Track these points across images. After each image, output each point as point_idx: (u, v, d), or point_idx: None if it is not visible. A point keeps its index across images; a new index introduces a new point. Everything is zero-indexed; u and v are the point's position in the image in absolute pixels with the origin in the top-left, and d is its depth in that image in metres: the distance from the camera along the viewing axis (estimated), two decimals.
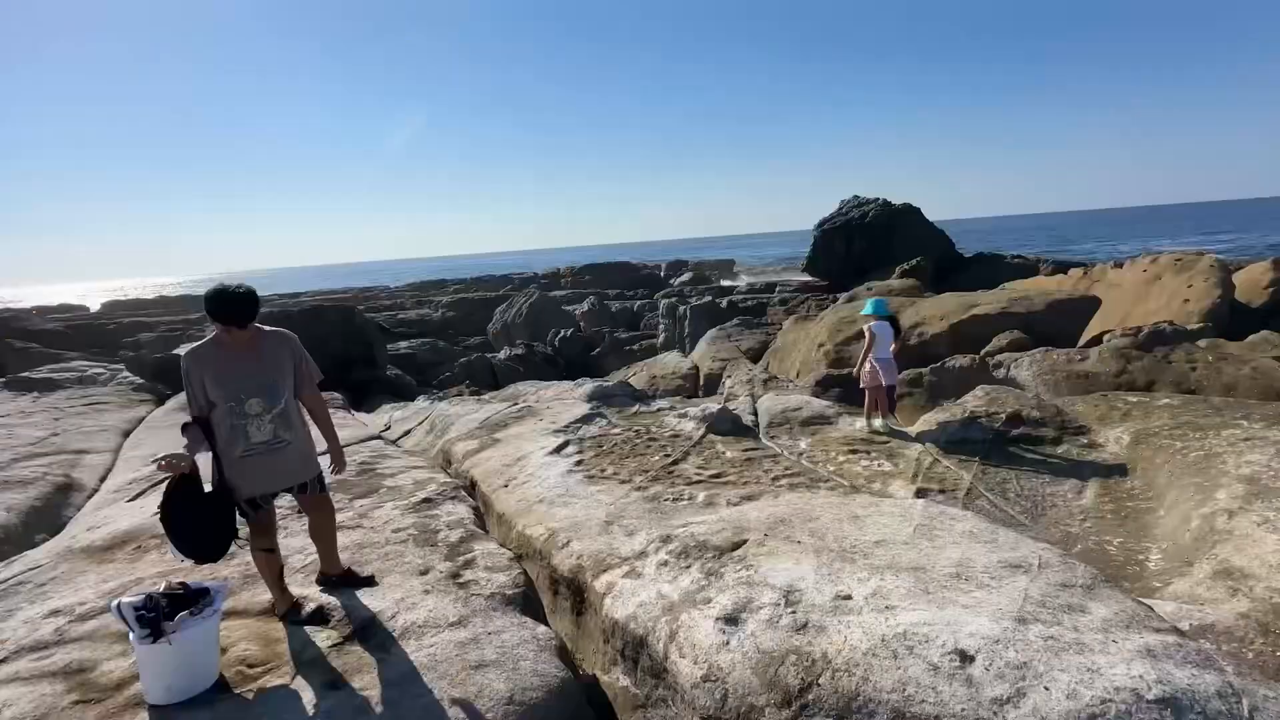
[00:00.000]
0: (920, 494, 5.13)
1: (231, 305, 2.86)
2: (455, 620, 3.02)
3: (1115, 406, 6.32)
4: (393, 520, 4.32)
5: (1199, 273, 12.88)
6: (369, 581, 3.43)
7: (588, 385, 9.63)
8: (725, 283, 48.73)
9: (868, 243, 34.91)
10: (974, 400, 6.72)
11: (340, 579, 3.41)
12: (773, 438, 6.83)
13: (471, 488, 5.88)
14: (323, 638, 2.99)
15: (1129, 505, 4.72)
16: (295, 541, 4.06)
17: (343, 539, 4.03)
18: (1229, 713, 2.00)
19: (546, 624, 3.34)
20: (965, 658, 2.27)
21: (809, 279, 38.36)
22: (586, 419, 7.54)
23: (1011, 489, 5.16)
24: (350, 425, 8.44)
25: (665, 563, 3.38)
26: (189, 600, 2.67)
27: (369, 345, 16.01)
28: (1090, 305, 11.59)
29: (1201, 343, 7.90)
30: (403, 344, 22.99)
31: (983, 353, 9.53)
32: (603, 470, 5.69)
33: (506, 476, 5.78)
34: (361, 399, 14.33)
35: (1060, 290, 13.94)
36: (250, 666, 2.85)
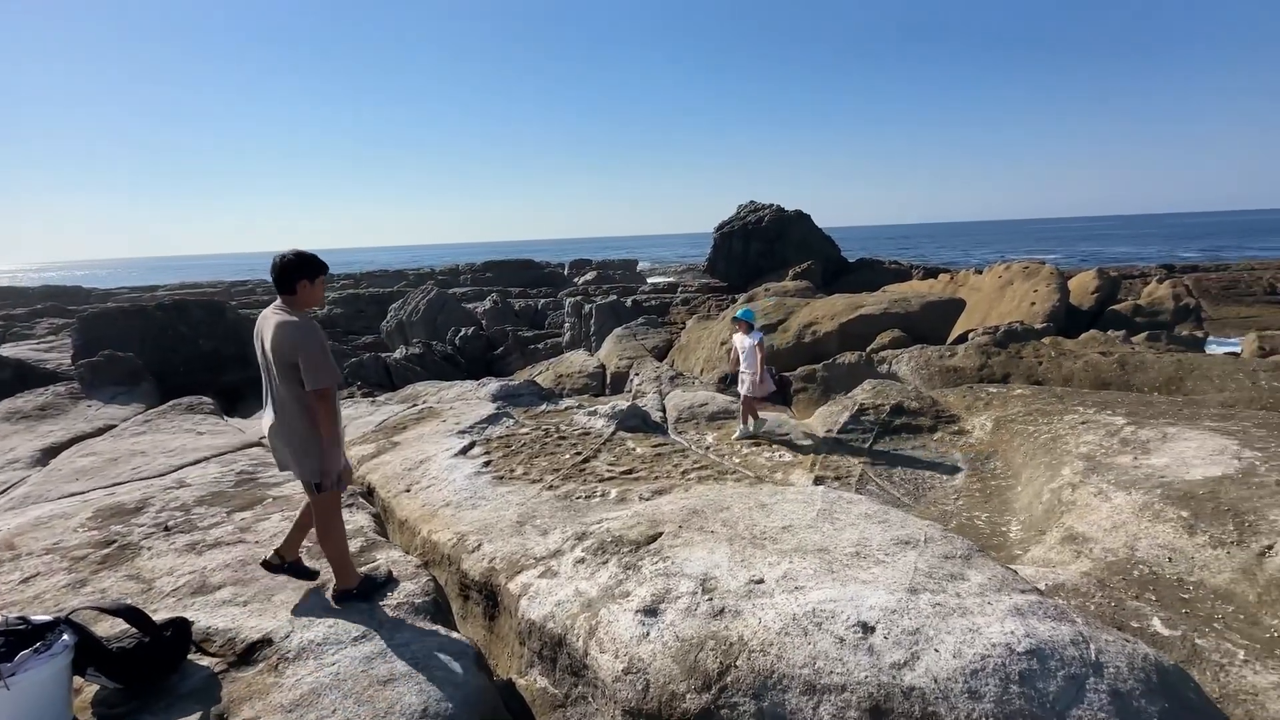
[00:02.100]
0: (819, 481, 5.47)
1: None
2: (359, 634, 2.83)
3: (979, 397, 7.07)
4: (281, 532, 3.95)
5: (1042, 279, 14.70)
6: (308, 574, 3.30)
7: (492, 384, 9.36)
8: (650, 280, 49.23)
9: (763, 246, 36.64)
10: (862, 393, 7.24)
11: (291, 566, 3.30)
12: (681, 433, 6.99)
13: (369, 494, 5.53)
14: (205, 664, 2.69)
15: (993, 484, 5.30)
16: (162, 562, 3.63)
17: (221, 556, 3.65)
18: (1080, 657, 2.30)
19: (458, 631, 3.21)
20: (867, 629, 2.44)
21: (710, 280, 39.63)
22: (492, 419, 7.33)
23: (897, 473, 5.62)
24: (224, 432, 7.66)
25: (582, 560, 3.36)
26: (31, 637, 2.30)
27: (244, 344, 14.61)
28: (957, 307, 12.88)
29: (1045, 340, 9.02)
30: None
31: (868, 350, 10.30)
32: (512, 470, 5.56)
33: (408, 481, 5.49)
34: (236, 402, 13.05)
35: (932, 293, 15.38)
36: (112, 707, 2.51)
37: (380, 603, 3.08)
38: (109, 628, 2.82)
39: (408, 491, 5.29)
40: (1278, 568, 3.07)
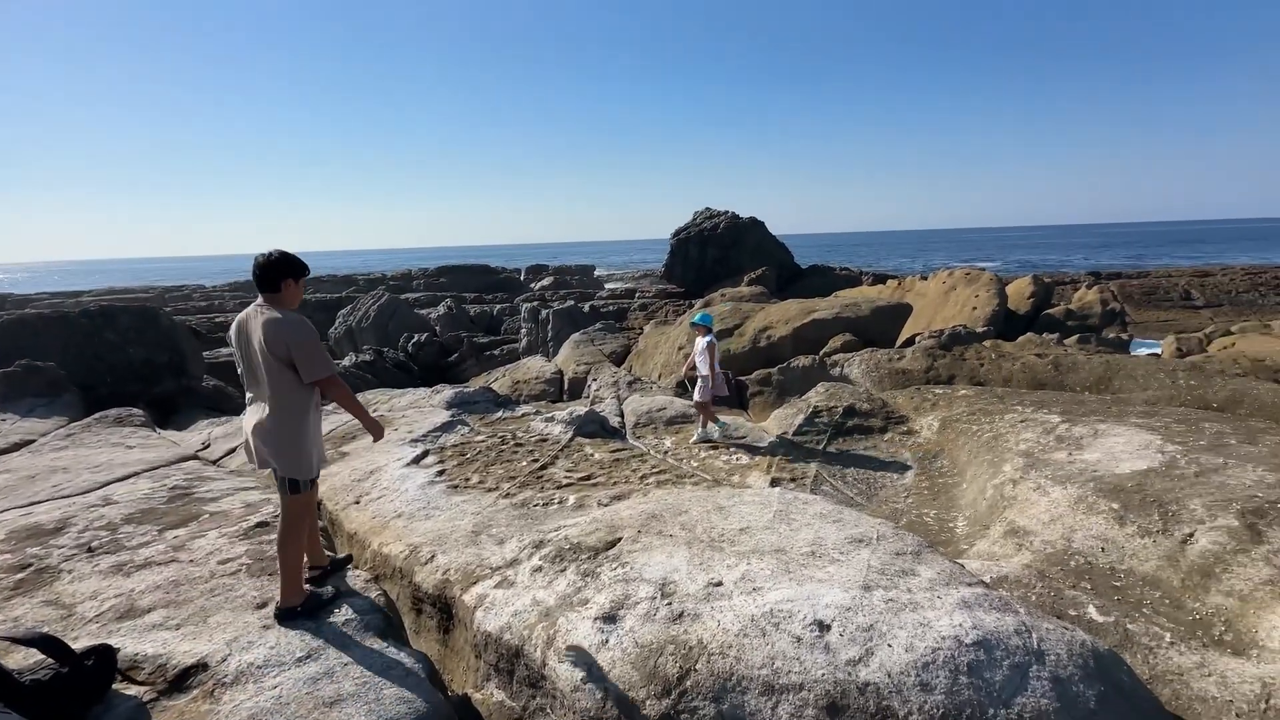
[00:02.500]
0: (775, 483, 5.54)
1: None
2: (304, 654, 2.70)
3: (926, 398, 7.32)
4: (219, 550, 3.76)
5: (983, 285, 15.37)
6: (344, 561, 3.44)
7: (447, 392, 9.15)
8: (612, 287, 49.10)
9: (719, 252, 37.15)
10: (816, 396, 7.40)
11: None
12: (639, 438, 6.99)
13: (316, 506, 5.31)
14: (133, 693, 2.51)
15: (940, 481, 5.48)
16: (84, 586, 3.39)
17: (151, 577, 3.43)
18: (1024, 646, 2.39)
19: (410, 647, 3.10)
20: (823, 627, 2.48)
21: (667, 286, 39.89)
22: (447, 427, 7.16)
23: (850, 474, 5.75)
24: (156, 445, 7.23)
25: (539, 568, 3.30)
26: None
27: (179, 352, 13.84)
28: (905, 311, 13.33)
29: (987, 343, 9.43)
30: (224, 350, 20.21)
31: (821, 353, 10.54)
32: (467, 479, 5.44)
33: (358, 492, 5.30)
34: (170, 414, 12.36)
35: (881, 298, 15.88)
36: None
37: (327, 620, 2.95)
38: (22, 659, 2.60)
39: (357, 503, 5.10)
40: (1198, 554, 3.28)
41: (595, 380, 10.96)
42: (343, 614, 3.01)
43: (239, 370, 3.03)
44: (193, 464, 6.24)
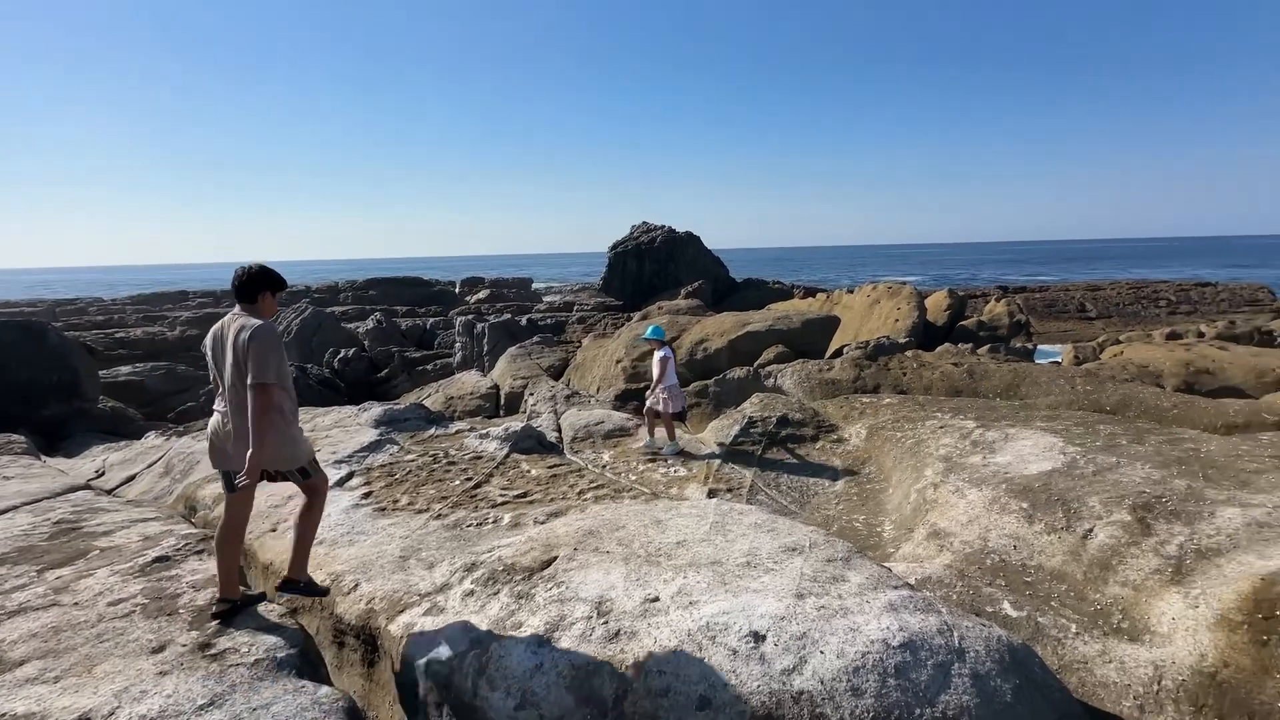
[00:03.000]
0: (712, 494, 5.59)
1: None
2: (206, 701, 2.47)
3: (854, 407, 7.61)
4: (110, 590, 3.41)
5: (904, 298, 16.23)
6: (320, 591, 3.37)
7: (375, 409, 8.76)
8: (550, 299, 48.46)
9: (656, 265, 37.61)
10: (751, 407, 7.55)
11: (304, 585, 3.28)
12: (577, 452, 6.91)
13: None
14: None
15: (868, 487, 5.69)
16: None
17: (26, 625, 3.07)
18: (946, 645, 2.48)
19: (331, 684, 2.90)
20: (758, 638, 2.49)
21: (605, 298, 39.97)
22: (374, 446, 6.84)
23: (784, 482, 5.88)
24: (40, 475, 6.54)
25: (471, 592, 3.18)
26: None
27: (70, 371, 12.64)
28: (833, 323, 13.88)
29: (908, 353, 9.93)
30: (124, 369, 18.62)
31: (756, 364, 10.79)
32: (396, 501, 5.20)
33: (274, 519, 4.96)
34: (60, 440, 11.24)
35: (811, 311, 16.48)
36: None
37: (234, 661, 2.72)
38: None
39: (273, 531, 4.77)
40: (1097, 548, 3.53)
41: (532, 395, 10.78)
42: (253, 652, 2.78)
43: (211, 379, 3.15)
44: (83, 494, 5.68)
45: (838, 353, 11.43)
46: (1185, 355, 10.34)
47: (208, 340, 3.13)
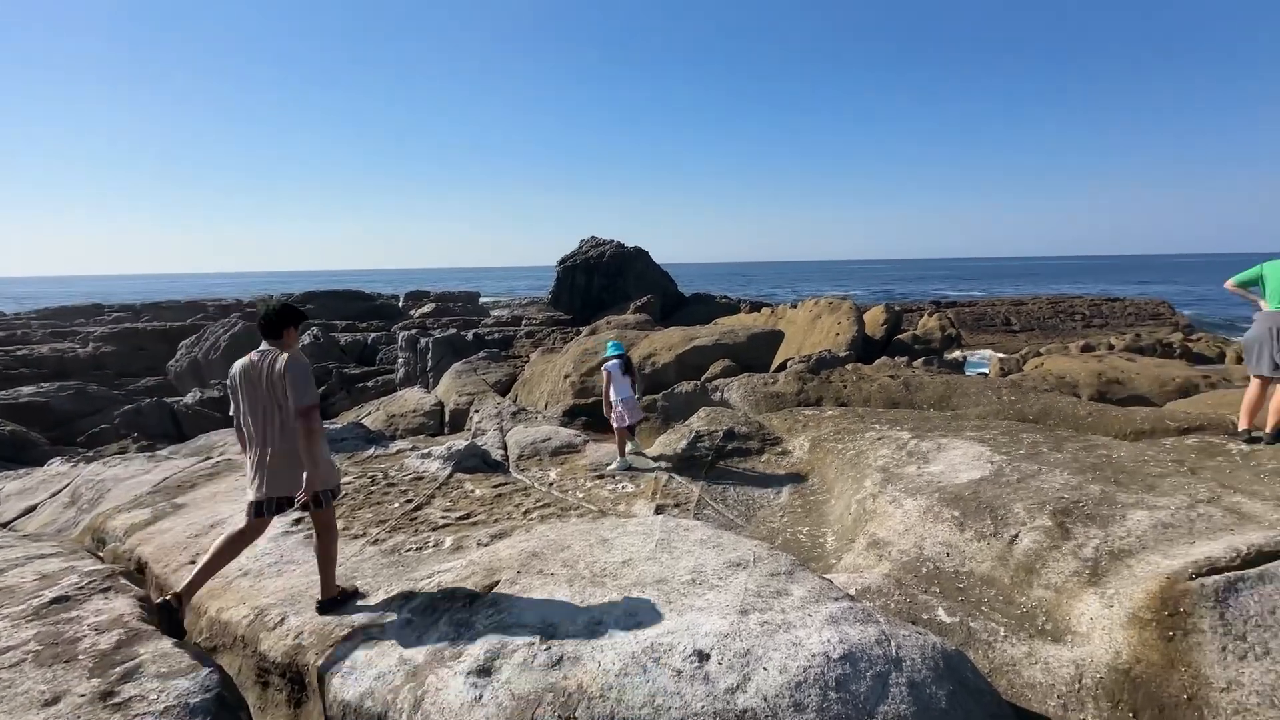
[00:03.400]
0: (660, 510, 5.59)
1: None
2: None
3: (798, 419, 7.79)
4: None
5: (844, 313, 16.80)
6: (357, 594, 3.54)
7: None
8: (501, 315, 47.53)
9: (605, 280, 37.68)
10: (698, 421, 7.61)
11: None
12: (523, 470, 6.78)
13: (140, 571, 4.58)
14: None
15: (812, 499, 5.81)
16: None
17: None
18: (884, 655, 2.54)
19: None
20: (703, 657, 2.48)
21: (554, 312, 39.71)
22: None
23: (730, 496, 5.93)
24: None
25: (408, 622, 3.05)
26: None
27: None
28: (778, 338, 14.21)
29: (848, 366, 10.26)
30: (25, 389, 17.15)
31: (703, 379, 10.91)
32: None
33: (194, 550, 4.64)
34: None
35: (756, 325, 16.83)
36: None
37: (141, 711, 2.50)
38: None
39: (193, 563, 4.44)
40: (1022, 552, 3.71)
41: (478, 411, 10.54)
42: (163, 699, 2.57)
43: (240, 415, 3.38)
44: None
45: (782, 366, 11.70)
46: (1098, 366, 11.10)
47: (237, 377, 3.35)
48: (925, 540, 4.05)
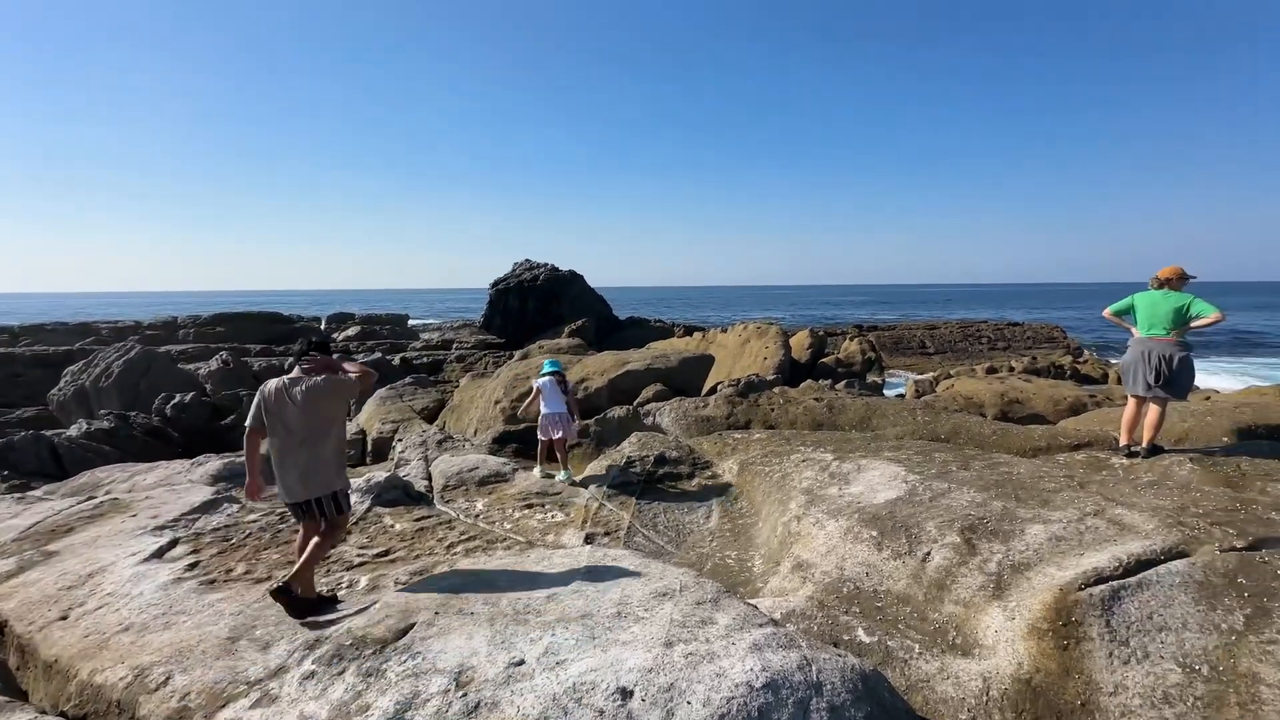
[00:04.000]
0: (589, 539, 5.49)
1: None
2: None
3: (727, 443, 7.91)
4: None
5: (771, 337, 17.34)
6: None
7: (213, 463, 7.76)
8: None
9: (539, 303, 37.37)
10: (630, 446, 7.59)
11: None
12: (448, 501, 6.52)
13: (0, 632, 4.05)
14: None
15: (740, 522, 5.88)
16: None
17: None
18: (805, 681, 2.57)
19: None
20: (626, 694, 2.43)
21: (486, 336, 38.93)
22: (209, 506, 6.03)
23: (661, 522, 5.92)
24: None
25: (312, 674, 2.83)
26: None
27: None
28: (708, 362, 14.47)
29: (776, 389, 10.56)
30: None
31: (635, 403, 10.93)
32: (230, 570, 4.57)
33: (67, 604, 4.16)
34: None
35: (688, 350, 17.10)
36: None
37: None
38: None
39: (64, 619, 3.99)
40: (935, 569, 3.88)
41: (401, 440, 10.11)
42: None
43: (271, 430, 3.79)
44: None
45: (713, 390, 11.90)
46: (1000, 387, 11.95)
47: (270, 396, 3.79)
48: (846, 561, 4.17)
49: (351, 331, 45.65)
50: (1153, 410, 5.81)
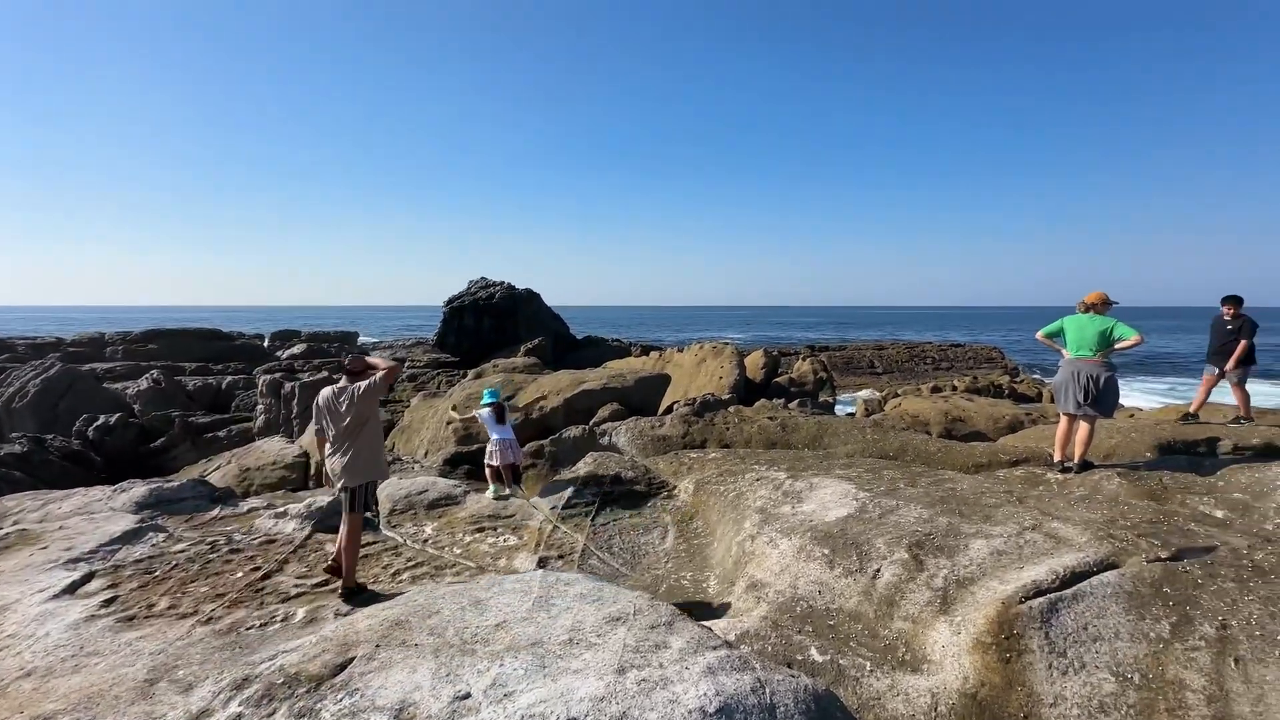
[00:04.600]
0: (543, 562, 5.37)
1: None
2: None
3: (683, 462, 7.91)
4: None
5: (726, 357, 17.56)
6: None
7: (138, 489, 7.26)
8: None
9: (495, 321, 36.88)
10: (585, 466, 7.50)
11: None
12: (395, 526, 6.27)
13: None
14: None
15: (695, 542, 5.86)
16: None
17: None
18: (759, 704, 2.54)
19: None
20: None
21: (440, 355, 38.12)
22: (131, 536, 5.63)
23: (616, 543, 5.84)
24: None
25: (238, 717, 2.63)
26: None
27: None
28: (665, 381, 14.52)
29: (731, 409, 10.67)
30: None
31: (591, 423, 10.84)
32: (151, 606, 4.27)
33: None
34: None
35: (644, 369, 17.13)
36: None
37: None
38: None
39: None
40: (885, 585, 3.94)
41: None
42: None
43: (326, 430, 4.73)
44: None
45: (669, 409, 11.93)
46: (944, 406, 12.39)
47: (321, 402, 4.71)
48: (799, 580, 4.19)
49: (297, 350, 43.87)
50: (1083, 428, 6.12)
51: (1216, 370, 8.49)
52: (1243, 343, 8.23)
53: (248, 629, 3.90)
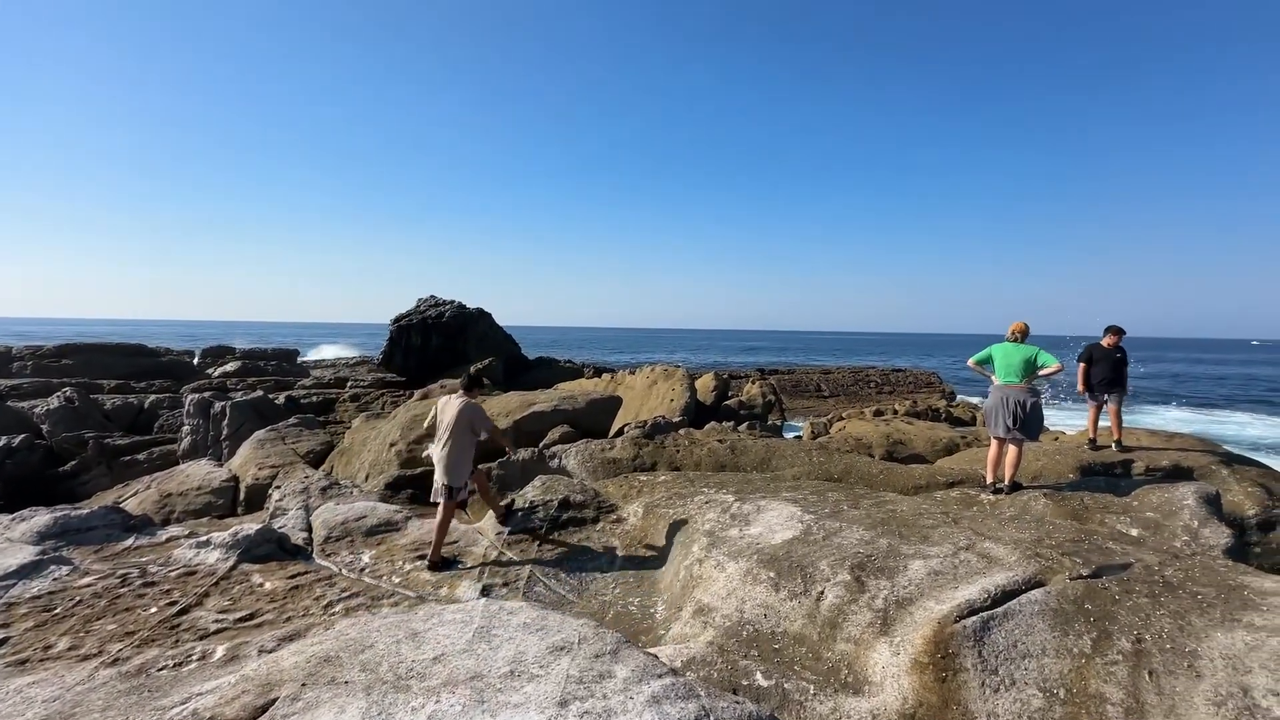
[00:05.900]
0: (486, 591, 5.21)
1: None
2: None
3: (633, 485, 7.87)
4: None
5: (678, 380, 17.70)
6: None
7: (40, 517, 6.68)
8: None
9: (444, 341, 36.09)
10: (533, 490, 7.36)
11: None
12: (330, 555, 5.97)
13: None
14: None
15: (644, 568, 5.81)
16: None
17: None
18: None
19: None
20: None
21: (385, 374, 36.95)
22: (29, 570, 5.17)
23: (563, 570, 5.73)
24: None
25: None
26: None
27: None
28: (617, 403, 14.48)
29: (681, 431, 10.72)
30: None
31: (541, 445, 10.68)
32: (49, 647, 3.90)
33: None
34: None
35: (596, 391, 17.06)
36: None
37: None
38: None
39: None
40: (828, 607, 3.99)
41: (279, 488, 9.22)
42: None
43: (434, 429, 6.01)
44: None
45: (620, 432, 11.89)
46: (886, 429, 12.82)
47: (440, 408, 6.01)
48: (746, 603, 4.21)
49: (230, 367, 41.62)
50: (1012, 451, 6.43)
51: (1105, 397, 8.67)
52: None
53: (160, 669, 3.61)
